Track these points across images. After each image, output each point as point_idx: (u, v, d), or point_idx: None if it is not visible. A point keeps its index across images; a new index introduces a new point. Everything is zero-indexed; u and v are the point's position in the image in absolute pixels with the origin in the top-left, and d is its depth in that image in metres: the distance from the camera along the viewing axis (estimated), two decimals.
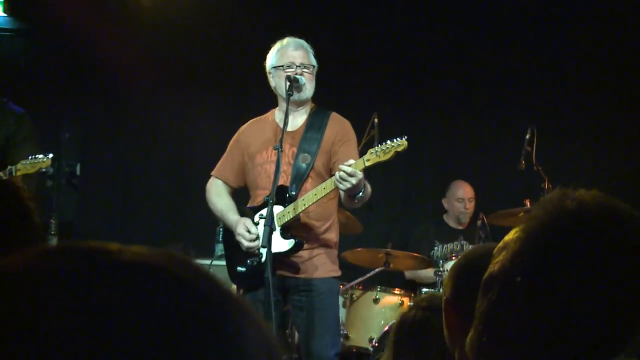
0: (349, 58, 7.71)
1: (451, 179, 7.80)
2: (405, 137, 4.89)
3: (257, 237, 5.13)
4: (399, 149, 4.88)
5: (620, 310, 1.65)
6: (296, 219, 5.12)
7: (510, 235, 1.75)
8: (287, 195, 5.15)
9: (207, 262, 6.98)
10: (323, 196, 5.07)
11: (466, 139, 8.13)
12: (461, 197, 7.66)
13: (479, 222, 7.16)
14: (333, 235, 5.37)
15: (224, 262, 5.84)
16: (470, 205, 7.67)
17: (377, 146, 4.94)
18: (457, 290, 2.39)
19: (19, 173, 5.46)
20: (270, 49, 5.39)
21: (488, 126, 7.96)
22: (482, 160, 8.00)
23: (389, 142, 4.91)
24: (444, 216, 7.82)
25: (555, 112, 7.76)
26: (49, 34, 7.95)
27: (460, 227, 7.74)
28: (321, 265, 5.22)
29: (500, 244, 1.79)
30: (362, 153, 5.05)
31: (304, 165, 5.21)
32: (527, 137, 6.30)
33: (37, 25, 7.94)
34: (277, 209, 5.12)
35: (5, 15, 7.77)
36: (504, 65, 8.05)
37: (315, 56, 5.35)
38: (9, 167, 5.52)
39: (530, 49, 8.07)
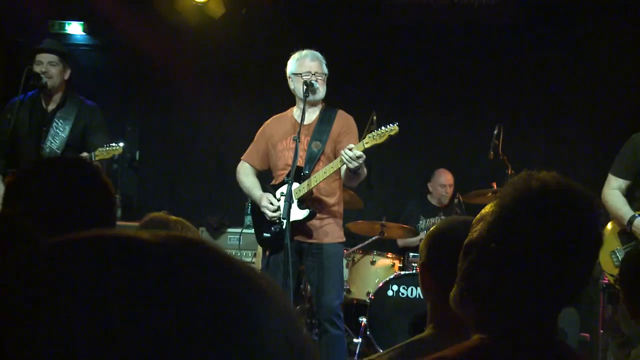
0: (355, 68, 7.66)
1: (435, 166, 7.73)
2: (397, 123, 4.91)
3: (279, 208, 5.14)
4: (392, 133, 4.90)
5: (573, 269, 1.68)
6: (310, 193, 5.13)
7: (486, 209, 1.76)
8: (302, 174, 5.16)
9: (239, 230, 6.95)
10: (330, 174, 5.09)
11: (447, 134, 8.11)
12: (443, 184, 7.60)
13: (455, 201, 7.09)
14: (339, 208, 5.35)
15: (252, 230, 5.76)
16: (450, 190, 7.60)
17: (374, 131, 4.95)
18: (430, 255, 2.37)
19: (97, 158, 5.39)
20: (289, 58, 5.36)
21: (464, 124, 7.95)
22: (460, 150, 7.96)
23: (383, 127, 4.93)
24: (428, 196, 7.77)
25: (517, 114, 7.75)
26: (117, 49, 7.99)
27: (440, 206, 7.71)
28: (330, 232, 5.21)
29: (478, 216, 1.80)
30: (362, 139, 5.04)
31: (315, 150, 5.22)
32: (495, 133, 6.27)
33: (108, 42, 7.98)
34: (295, 185, 5.09)
35: (85, 34, 7.87)
36: (479, 77, 8.05)
37: (327, 65, 5.33)
38: (89, 154, 5.44)
39: (498, 64, 8.06)
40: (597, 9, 7.52)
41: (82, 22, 7.82)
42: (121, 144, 5.61)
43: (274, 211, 5.22)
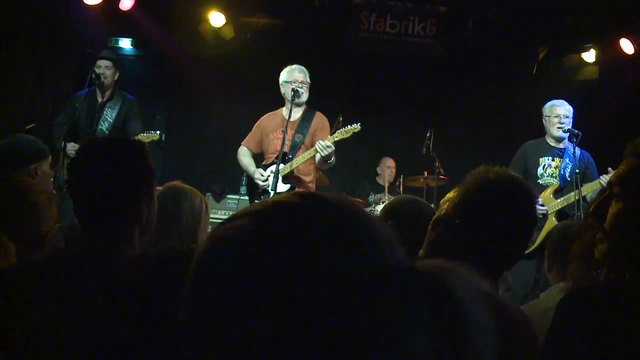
0: (329, 80, 7.58)
1: (383, 156, 7.82)
2: (359, 123, 4.98)
3: (267, 179, 5.14)
4: (355, 130, 4.97)
5: (515, 239, 1.68)
6: (291, 172, 5.15)
7: (451, 194, 1.73)
8: (287, 157, 5.17)
9: (236, 197, 6.97)
10: (307, 159, 5.11)
11: (393, 134, 8.08)
12: (389, 166, 7.59)
13: (397, 183, 7.26)
14: (312, 185, 5.34)
15: (246, 198, 5.79)
16: (394, 171, 7.60)
17: (342, 128, 5.01)
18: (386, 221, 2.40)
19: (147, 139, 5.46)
20: (281, 70, 5.36)
21: (406, 127, 7.92)
22: (401, 146, 7.89)
23: (349, 126, 5.00)
24: (377, 178, 7.78)
25: (445, 122, 7.76)
26: (154, 58, 7.97)
27: (387, 185, 7.59)
28: None
29: (445, 198, 1.77)
30: (332, 134, 5.07)
31: (298, 140, 5.20)
32: (428, 135, 6.29)
33: (148, 53, 7.94)
34: (281, 166, 5.12)
35: (132, 47, 7.86)
36: (418, 92, 8.09)
37: (310, 77, 5.34)
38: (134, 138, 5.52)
39: (433, 84, 8.08)
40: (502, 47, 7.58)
41: (130, 39, 7.83)
42: (157, 132, 5.64)
43: (264, 181, 5.21)
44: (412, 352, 0.59)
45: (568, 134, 5.08)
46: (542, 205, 5.04)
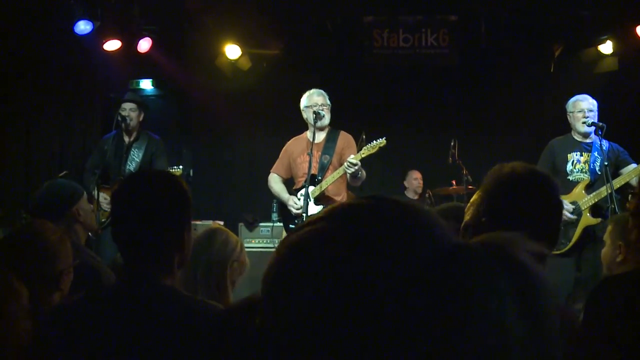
0: (350, 100, 7.74)
1: (409, 169, 7.89)
2: (385, 138, 5.04)
3: (301, 207, 5.18)
4: (381, 145, 5.03)
5: (544, 226, 1.66)
6: (322, 193, 5.22)
7: (474, 197, 1.77)
8: (316, 179, 5.24)
9: (268, 224, 6.99)
10: (337, 178, 5.17)
11: (418, 147, 8.13)
12: (415, 177, 7.69)
13: (426, 195, 7.27)
14: None
15: (279, 224, 5.88)
16: (421, 182, 7.68)
17: (369, 144, 5.07)
18: None
19: None
20: (301, 96, 5.45)
21: (430, 139, 7.96)
22: (427, 158, 7.95)
23: (374, 141, 5.07)
24: (405, 192, 7.83)
25: (468, 130, 7.72)
26: (175, 96, 8.14)
27: (416, 197, 7.73)
28: None
29: (468, 204, 1.80)
30: (358, 151, 5.15)
31: (325, 161, 5.28)
32: (452, 144, 6.32)
33: (168, 92, 8.12)
34: (311, 188, 5.19)
35: (153, 87, 8.07)
36: (440, 103, 8.14)
37: (330, 99, 5.42)
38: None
39: (453, 94, 8.13)
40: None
41: (150, 79, 8.04)
42: (181, 167, 5.88)
43: (298, 209, 5.25)
44: (504, 321, 0.60)
45: (593, 127, 5.09)
46: (572, 212, 5.03)
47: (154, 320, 1.69)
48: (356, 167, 4.97)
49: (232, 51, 7.34)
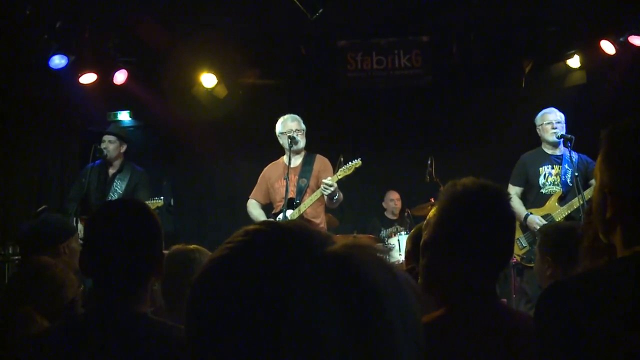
0: (325, 123, 7.75)
1: (387, 190, 7.94)
2: (360, 158, 5.11)
3: None
4: (357, 166, 5.11)
5: (499, 242, 1.70)
6: (301, 217, 5.24)
7: (430, 215, 1.80)
8: (294, 203, 5.30)
9: None
10: (314, 201, 5.23)
11: (394, 167, 8.19)
12: (392, 198, 7.74)
13: (405, 214, 7.26)
14: (323, 227, 5.45)
15: None
16: (399, 203, 7.73)
17: (344, 166, 5.14)
18: (411, 247, 2.61)
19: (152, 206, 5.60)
20: (276, 122, 5.54)
21: (406, 158, 8.03)
22: (404, 177, 8.03)
23: (350, 162, 5.14)
24: (385, 213, 7.89)
25: (444, 148, 7.83)
26: (153, 127, 8.18)
27: (395, 218, 7.77)
28: None
29: (425, 222, 1.84)
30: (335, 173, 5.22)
31: (302, 185, 5.34)
32: (429, 162, 6.41)
33: (146, 122, 8.16)
34: (289, 212, 5.23)
35: (131, 118, 8.06)
36: (414, 123, 8.22)
37: (306, 123, 5.49)
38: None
39: (427, 113, 8.21)
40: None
41: (128, 111, 8.05)
42: (162, 198, 5.96)
43: None
44: (323, 339, 0.64)
45: (562, 139, 5.21)
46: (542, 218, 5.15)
47: (125, 347, 1.69)
48: (332, 189, 5.03)
49: (207, 80, 7.39)
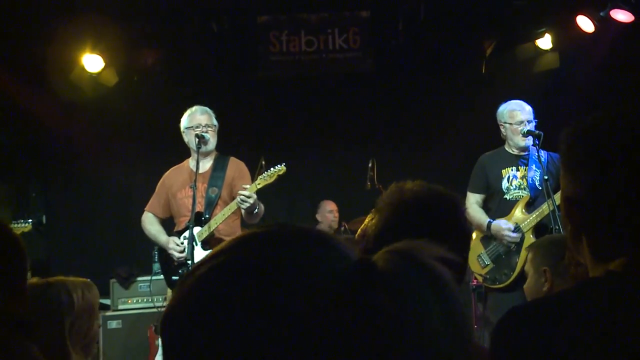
0: (243, 118, 7.76)
1: (321, 199, 7.96)
2: (284, 164, 5.08)
3: (185, 249, 5.16)
4: (280, 173, 5.06)
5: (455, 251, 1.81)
6: (212, 235, 5.20)
7: (367, 222, 1.83)
8: (203, 218, 5.23)
9: (148, 278, 6.87)
10: (228, 215, 5.18)
11: (328, 172, 8.26)
12: (330, 209, 7.80)
13: (342, 229, 7.31)
14: None
15: (161, 277, 5.74)
16: (337, 215, 7.79)
17: (265, 172, 5.10)
18: None
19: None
20: (181, 116, 5.45)
21: (342, 161, 8.12)
22: (340, 184, 8.10)
23: (272, 168, 5.09)
24: (318, 226, 7.77)
25: (387, 147, 7.98)
26: (15, 125, 7.93)
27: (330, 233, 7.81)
28: None
29: (360, 230, 1.86)
30: (253, 181, 5.19)
31: (213, 195, 5.28)
32: (370, 165, 6.43)
33: (6, 120, 7.88)
34: (197, 229, 5.18)
35: None
36: (350, 117, 8.31)
37: (217, 118, 5.44)
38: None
39: (365, 105, 8.34)
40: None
41: None
42: (30, 220, 5.81)
43: (181, 252, 5.23)
44: (431, 326, 0.73)
45: (529, 137, 5.33)
46: (514, 230, 5.26)
47: None
48: (251, 200, 5.00)
49: (92, 62, 7.20)
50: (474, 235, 5.55)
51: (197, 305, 0.75)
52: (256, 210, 5.13)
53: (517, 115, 5.45)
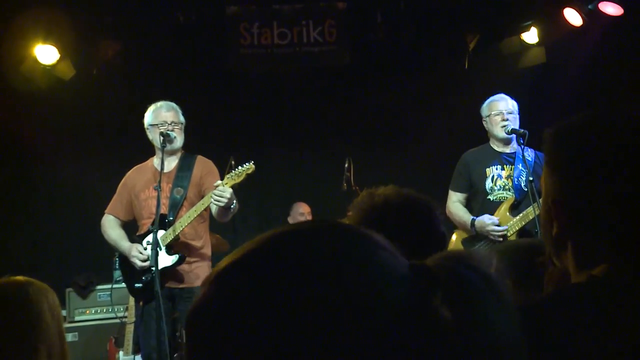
0: (210, 115, 7.78)
1: (293, 200, 7.91)
2: (252, 162, 5.05)
3: (148, 257, 5.14)
4: (249, 172, 5.02)
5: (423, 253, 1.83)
6: (176, 239, 5.18)
7: None
8: (167, 220, 5.21)
9: (109, 286, 6.77)
10: (195, 217, 5.15)
11: (302, 171, 8.29)
12: (302, 212, 7.74)
13: None
14: (207, 251, 5.41)
15: (122, 285, 5.73)
16: (310, 218, 7.65)
17: (233, 171, 5.06)
18: None
19: None
20: (145, 112, 5.45)
21: (317, 160, 8.15)
22: (315, 185, 8.11)
23: (239, 167, 5.05)
24: None
25: (364, 146, 8.02)
26: None
27: None
28: (201, 275, 5.18)
29: None
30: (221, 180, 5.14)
31: (178, 196, 5.27)
32: (346, 166, 6.46)
33: None
34: (161, 233, 5.16)
35: None
36: (325, 114, 8.34)
37: (184, 114, 5.43)
38: None
39: (341, 101, 8.36)
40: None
41: None
42: None
43: (144, 260, 5.20)
44: (509, 330, 0.76)
45: (513, 135, 5.38)
46: (499, 225, 5.30)
47: None
48: (227, 195, 4.94)
49: (45, 54, 7.14)
50: (454, 237, 5.59)
51: (245, 304, 0.72)
52: (233, 205, 5.10)
53: (496, 105, 5.55)
